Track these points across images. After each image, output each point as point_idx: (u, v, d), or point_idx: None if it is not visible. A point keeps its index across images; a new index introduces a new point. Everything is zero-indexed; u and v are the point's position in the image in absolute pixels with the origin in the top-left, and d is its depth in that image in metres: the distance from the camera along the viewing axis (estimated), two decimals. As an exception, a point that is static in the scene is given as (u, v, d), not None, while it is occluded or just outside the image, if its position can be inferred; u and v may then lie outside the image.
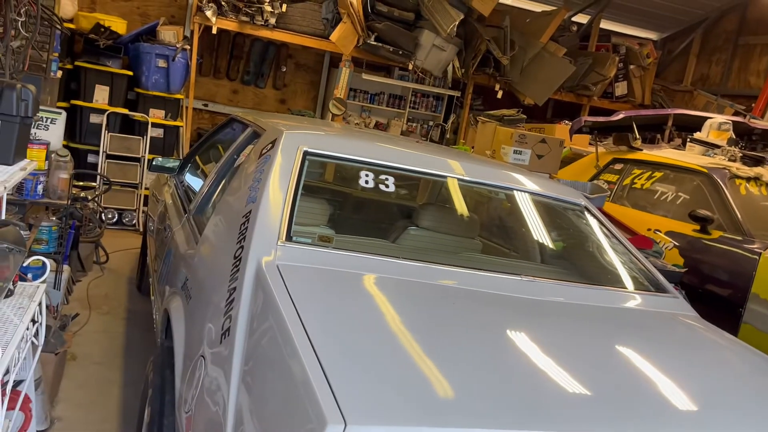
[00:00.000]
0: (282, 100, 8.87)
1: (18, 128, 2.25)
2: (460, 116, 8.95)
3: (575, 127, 6.27)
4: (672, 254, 4.71)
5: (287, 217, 2.01)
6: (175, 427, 1.85)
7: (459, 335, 1.67)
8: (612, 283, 2.46)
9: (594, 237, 2.74)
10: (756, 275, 4.05)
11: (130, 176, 6.63)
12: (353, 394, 1.24)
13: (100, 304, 4.52)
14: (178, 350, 1.95)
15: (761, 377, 1.91)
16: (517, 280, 2.17)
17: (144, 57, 6.62)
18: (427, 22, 7.77)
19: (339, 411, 1.17)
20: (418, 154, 2.74)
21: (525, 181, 2.79)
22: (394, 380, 1.34)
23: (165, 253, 2.97)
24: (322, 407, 1.18)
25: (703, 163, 5.09)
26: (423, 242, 2.58)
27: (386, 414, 1.21)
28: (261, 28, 7.30)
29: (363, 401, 1.24)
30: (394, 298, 1.83)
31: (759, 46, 8.83)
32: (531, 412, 1.36)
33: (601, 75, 8.70)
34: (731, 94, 8.99)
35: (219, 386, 1.58)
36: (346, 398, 1.21)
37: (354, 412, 1.17)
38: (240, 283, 1.77)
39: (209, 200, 2.72)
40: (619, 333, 2.03)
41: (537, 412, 1.36)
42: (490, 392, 1.40)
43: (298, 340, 1.39)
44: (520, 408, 1.36)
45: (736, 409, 1.61)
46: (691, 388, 1.65)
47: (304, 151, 2.31)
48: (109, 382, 3.46)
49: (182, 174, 3.87)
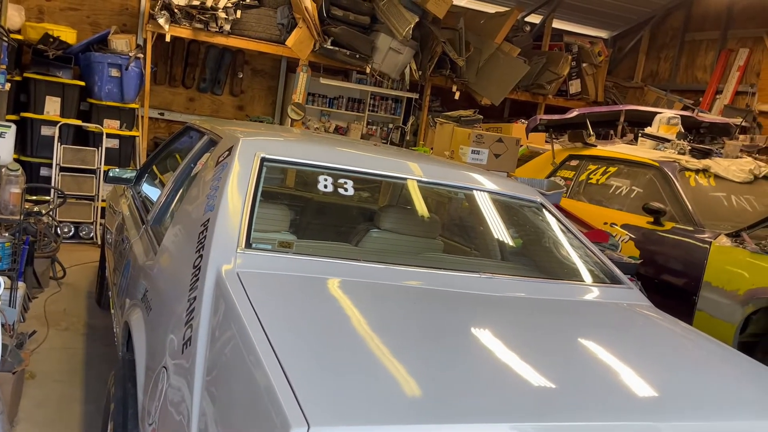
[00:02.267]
0: (240, 107, 8.80)
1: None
2: (419, 118, 9.02)
3: (531, 125, 6.39)
4: (628, 247, 4.84)
5: (246, 224, 2.01)
6: (139, 440, 1.83)
7: (421, 334, 1.70)
8: (569, 277, 2.53)
9: (550, 233, 2.81)
10: (707, 264, 4.20)
11: (86, 188, 6.49)
12: (316, 396, 1.25)
13: (58, 321, 4.41)
14: (140, 362, 1.93)
15: (713, 362, 1.99)
16: (477, 278, 2.21)
17: (96, 67, 6.49)
18: (382, 25, 7.81)
19: (302, 414, 1.19)
20: (376, 157, 2.76)
21: (482, 180, 2.84)
22: (357, 381, 1.36)
23: (124, 266, 2.92)
24: (285, 411, 1.19)
25: (654, 156, 5.24)
26: (385, 244, 2.60)
27: (348, 414, 1.23)
28: (216, 35, 7.24)
29: (326, 403, 1.25)
30: (355, 301, 1.85)
31: (705, 42, 9.13)
32: (491, 405, 1.39)
33: (555, 74, 8.88)
34: (680, 89, 9.27)
35: (182, 396, 1.57)
36: (309, 401, 1.22)
37: (317, 414, 1.19)
38: (200, 292, 1.76)
39: (167, 210, 2.69)
40: (576, 324, 2.08)
41: (497, 405, 1.40)
42: (451, 388, 1.43)
43: (260, 346, 1.39)
44: (479, 402, 1.39)
45: (689, 394, 1.68)
46: (646, 374, 1.71)
47: (262, 158, 2.31)
48: (70, 400, 3.38)
49: (139, 184, 3.81)
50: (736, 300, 3.95)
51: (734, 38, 8.66)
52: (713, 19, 8.92)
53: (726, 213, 4.76)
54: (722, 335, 3.89)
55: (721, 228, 4.41)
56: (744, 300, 3.90)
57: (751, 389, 1.83)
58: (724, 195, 4.89)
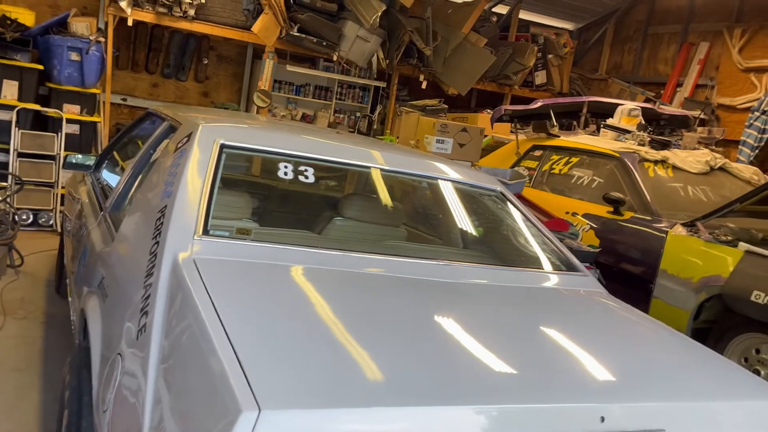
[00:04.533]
0: (205, 93, 8.68)
1: None
2: (387, 107, 9.03)
3: (496, 115, 6.45)
4: (589, 236, 4.94)
5: (204, 210, 1.99)
6: (93, 428, 1.82)
7: (379, 320, 1.72)
8: (526, 264, 2.58)
9: (509, 221, 2.85)
10: (664, 252, 4.30)
11: (45, 175, 6.34)
12: (268, 381, 1.26)
13: (15, 309, 4.33)
14: (95, 350, 1.92)
15: (662, 346, 2.06)
16: (438, 265, 2.24)
17: (55, 50, 6.32)
18: (350, 13, 7.77)
19: (254, 398, 1.20)
20: (338, 145, 2.76)
21: (443, 169, 2.87)
22: (311, 366, 1.37)
23: (81, 253, 2.88)
24: (236, 395, 1.20)
25: (615, 147, 5.35)
26: (348, 232, 2.60)
27: (301, 398, 1.25)
28: (180, 20, 7.11)
29: (278, 388, 1.26)
30: (312, 287, 1.86)
31: (666, 35, 9.30)
32: (443, 388, 1.42)
33: (522, 64, 8.96)
34: (643, 82, 9.44)
35: (137, 383, 1.57)
36: (261, 386, 1.23)
37: (268, 398, 1.20)
38: (156, 279, 1.75)
39: (125, 197, 2.66)
40: (532, 310, 2.13)
41: (449, 388, 1.43)
42: (406, 372, 1.45)
43: (214, 332, 1.40)
44: (432, 385, 1.42)
45: (638, 376, 1.73)
46: (598, 357, 1.76)
47: (221, 144, 2.29)
48: (28, 388, 3.33)
49: (99, 171, 3.75)
50: (690, 287, 4.06)
51: (695, 32, 8.85)
52: (675, 12, 9.10)
53: (683, 203, 4.89)
54: (677, 322, 4.01)
55: (677, 218, 4.53)
56: (698, 288, 4.02)
57: (697, 372, 1.90)
58: (681, 185, 5.02)
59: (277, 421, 1.19)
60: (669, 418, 1.59)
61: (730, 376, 1.91)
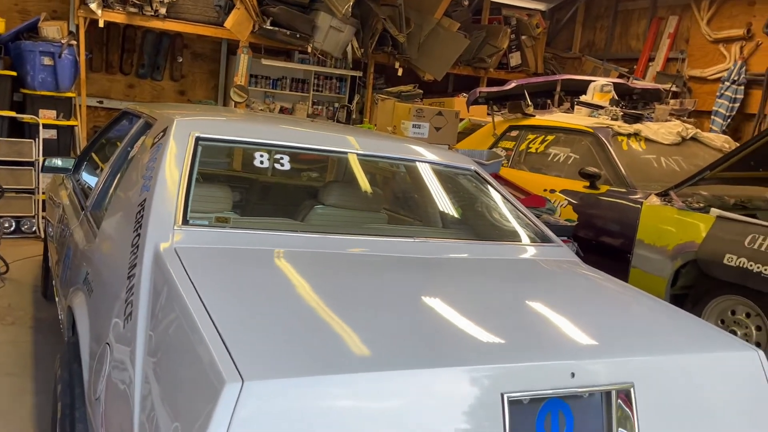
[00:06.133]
0: (181, 92, 8.67)
1: None
2: (364, 96, 9.07)
3: (471, 98, 6.52)
4: (567, 211, 5.03)
5: (182, 201, 2.04)
6: (86, 417, 1.87)
7: (358, 295, 1.79)
8: (502, 238, 2.66)
9: (485, 199, 2.93)
10: (639, 222, 4.41)
11: (24, 182, 6.32)
12: (250, 354, 1.32)
13: (3, 315, 4.35)
14: (84, 343, 1.97)
15: (628, 305, 2.15)
16: (418, 242, 2.31)
17: (27, 56, 6.29)
18: (322, 3, 7.79)
19: (236, 370, 1.26)
20: (314, 133, 2.82)
21: (418, 151, 2.93)
22: (292, 339, 1.44)
23: (65, 254, 2.92)
24: (220, 369, 1.27)
25: (589, 123, 5.44)
26: (330, 219, 2.66)
27: (283, 369, 1.31)
28: (152, 19, 7.09)
29: (260, 360, 1.33)
30: (292, 268, 1.92)
31: (637, 11, 9.41)
32: (423, 352, 1.49)
33: (495, 47, 9.03)
34: (616, 58, 9.55)
35: (126, 370, 1.62)
36: (243, 359, 1.29)
37: (251, 370, 1.26)
38: (139, 269, 1.81)
39: (105, 195, 2.70)
40: (508, 279, 2.22)
41: (428, 352, 1.50)
42: (386, 339, 1.52)
43: (196, 311, 1.46)
44: (412, 350, 1.49)
45: (607, 334, 1.82)
46: (570, 318, 1.85)
47: (197, 137, 2.34)
48: (21, 392, 3.37)
49: (78, 173, 3.77)
50: (666, 255, 4.17)
51: (664, 6, 8.95)
52: (644, -12, 9.21)
53: (657, 174, 4.99)
54: (655, 289, 4.12)
55: (652, 188, 4.63)
56: (673, 254, 4.13)
57: (664, 329, 1.99)
58: (655, 157, 5.13)
59: (261, 391, 1.25)
60: (637, 371, 1.67)
61: (695, 331, 2.00)
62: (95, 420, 1.72)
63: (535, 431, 1.51)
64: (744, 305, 3.85)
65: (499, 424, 1.45)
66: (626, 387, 1.63)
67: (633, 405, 1.63)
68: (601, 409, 1.61)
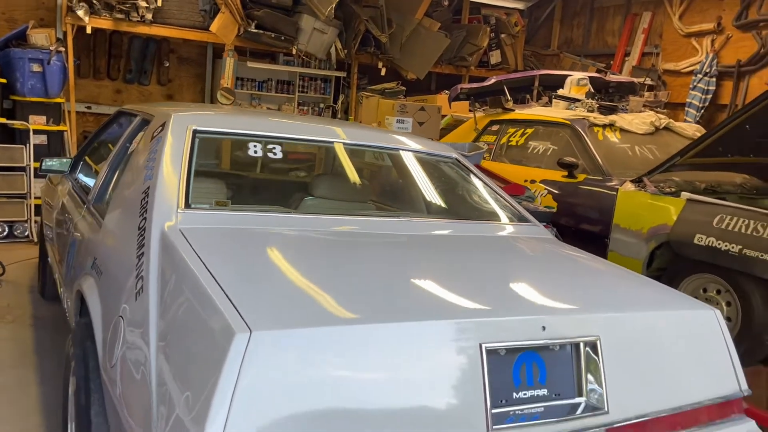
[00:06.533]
0: (168, 96, 8.80)
1: None
2: (349, 96, 9.25)
3: (452, 95, 6.72)
4: (547, 200, 5.24)
5: (184, 187, 2.21)
6: (100, 386, 2.03)
7: (352, 263, 1.97)
8: (482, 218, 2.85)
9: (466, 183, 3.12)
10: (615, 208, 4.62)
11: (17, 186, 6.43)
12: (255, 309, 1.49)
13: (3, 314, 4.47)
14: (96, 319, 2.12)
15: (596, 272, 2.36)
16: (404, 221, 2.51)
17: (16, 63, 6.40)
18: (305, 6, 7.96)
19: (244, 322, 1.43)
20: (303, 124, 2.99)
21: (402, 140, 3.12)
22: (291, 298, 1.61)
23: (68, 248, 3.06)
24: (229, 322, 1.43)
25: (566, 116, 5.65)
26: (319, 210, 2.83)
27: (285, 321, 1.48)
28: (138, 25, 7.23)
29: (264, 314, 1.50)
30: (287, 241, 2.10)
31: (612, 8, 9.68)
32: (410, 308, 1.68)
33: (476, 45, 9.25)
34: (593, 54, 9.81)
35: (141, 336, 1.78)
36: (250, 313, 1.46)
37: (258, 322, 1.43)
38: (147, 247, 1.97)
39: (107, 187, 2.85)
40: (487, 250, 2.42)
41: (416, 308, 1.69)
42: (379, 297, 1.71)
43: (203, 277, 1.62)
44: (401, 306, 1.68)
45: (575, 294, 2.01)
46: (540, 282, 2.04)
47: (194, 130, 2.50)
48: (26, 383, 3.50)
49: (75, 172, 3.91)
50: (641, 238, 4.38)
51: (638, 3, 9.22)
52: (618, -15, 9.48)
53: (631, 162, 5.21)
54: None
55: (627, 176, 4.84)
56: (647, 237, 4.34)
57: (628, 291, 2.19)
58: (629, 146, 5.35)
59: (267, 340, 1.42)
60: (602, 326, 1.86)
61: (657, 293, 2.20)
62: (112, 384, 1.88)
63: (511, 379, 1.69)
64: (715, 282, 4.06)
65: (479, 372, 1.63)
66: (593, 340, 1.81)
67: (599, 356, 1.81)
68: (571, 360, 1.79)
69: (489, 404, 1.63)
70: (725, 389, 2.05)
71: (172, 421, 1.51)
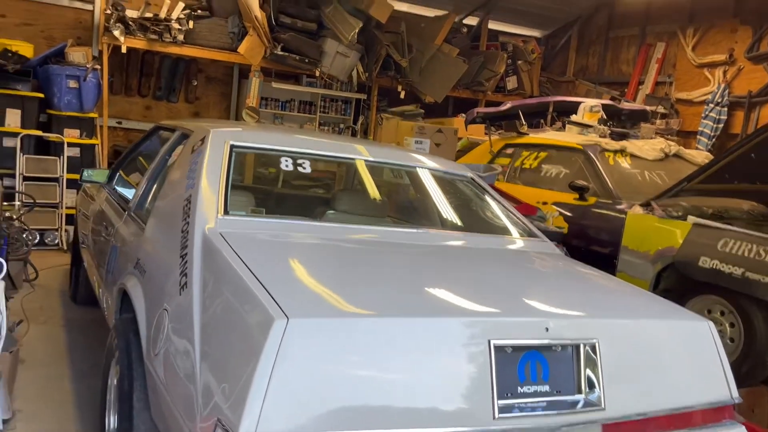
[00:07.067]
0: (195, 113, 9.12)
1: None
2: (368, 117, 9.52)
3: (469, 118, 6.95)
4: (558, 221, 5.42)
5: (222, 196, 2.44)
6: (142, 374, 2.24)
7: (376, 266, 2.19)
8: (494, 232, 3.05)
9: (479, 200, 3.33)
10: (624, 230, 4.79)
11: (50, 196, 6.73)
12: (291, 299, 1.70)
13: (36, 316, 4.70)
14: (140, 313, 2.33)
15: (599, 283, 2.54)
16: (421, 232, 2.73)
17: (55, 79, 6.74)
18: (329, 31, 8.28)
19: (282, 311, 1.63)
20: (329, 142, 3.22)
21: (420, 159, 3.34)
22: (322, 291, 1.82)
23: (109, 252, 3.29)
24: (268, 310, 1.64)
25: (578, 141, 5.85)
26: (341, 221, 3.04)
27: (318, 311, 1.69)
28: (170, 45, 7.57)
29: (301, 305, 1.70)
30: (319, 244, 2.32)
31: (627, 38, 9.91)
32: (429, 306, 1.88)
33: (493, 71, 9.51)
34: (607, 82, 10.02)
35: (185, 325, 1.99)
36: (287, 303, 1.67)
37: (294, 311, 1.64)
38: (190, 248, 2.19)
39: (148, 195, 3.09)
40: (498, 260, 2.62)
41: (433, 306, 1.89)
42: (401, 296, 1.92)
43: (243, 272, 1.84)
44: (421, 304, 1.89)
45: (577, 300, 2.19)
46: (544, 290, 2.23)
47: (231, 145, 2.74)
48: (59, 378, 3.72)
49: (112, 183, 4.16)
50: (648, 259, 4.54)
51: (652, 33, 9.44)
52: (633, 16, 9.70)
53: (641, 187, 5.38)
54: (638, 291, 4.47)
55: (636, 200, 5.02)
56: (654, 259, 4.50)
57: (627, 300, 2.37)
58: (639, 171, 5.53)
59: (302, 327, 1.62)
60: (601, 330, 2.04)
61: (654, 304, 2.38)
62: (156, 370, 2.09)
63: (516, 375, 1.88)
64: (718, 304, 4.20)
65: (487, 366, 1.82)
66: (592, 342, 1.99)
67: (598, 357, 1.99)
68: (571, 359, 1.97)
69: (496, 395, 1.81)
70: (717, 395, 2.22)
71: (212, 403, 1.71)
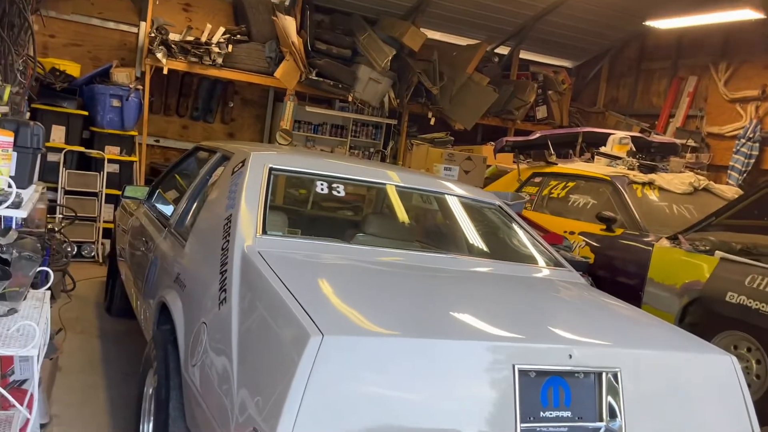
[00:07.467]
0: (230, 134, 9.38)
1: (31, 158, 2.73)
2: (398, 142, 9.68)
3: (498, 146, 7.04)
4: (585, 251, 5.45)
5: (261, 216, 2.56)
6: (179, 384, 2.35)
7: (405, 288, 2.28)
8: (520, 260, 3.12)
9: (507, 228, 3.40)
10: (651, 263, 4.81)
11: (89, 210, 6.97)
12: (326, 317, 1.80)
13: (73, 326, 4.87)
14: (179, 325, 2.45)
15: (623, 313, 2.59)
16: (449, 257, 2.82)
17: (99, 97, 7.02)
18: (363, 57, 8.50)
19: (317, 328, 1.73)
20: (362, 167, 3.35)
21: (449, 186, 3.44)
22: (356, 310, 1.91)
23: (148, 267, 3.43)
24: (304, 327, 1.74)
25: (607, 172, 5.89)
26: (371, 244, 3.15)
27: (352, 329, 1.79)
28: (209, 68, 7.84)
29: (334, 322, 1.80)
30: (347, 266, 2.42)
31: (658, 71, 9.94)
32: (458, 330, 1.97)
33: (523, 101, 9.61)
34: (638, 114, 10.04)
35: (223, 338, 2.10)
36: (322, 320, 1.77)
37: (329, 328, 1.73)
38: (230, 265, 2.30)
39: (188, 213, 3.23)
40: (524, 288, 2.69)
41: (462, 330, 1.97)
42: (431, 318, 2.01)
43: (280, 290, 1.94)
44: (449, 327, 1.97)
45: (601, 330, 2.25)
46: (568, 318, 2.30)
47: (270, 168, 2.87)
48: (94, 386, 3.85)
49: (151, 199, 4.33)
50: (674, 293, 4.56)
51: (684, 67, 9.46)
52: (665, 49, 9.74)
53: (668, 220, 5.40)
54: (664, 324, 4.48)
55: (663, 233, 5.04)
56: (680, 292, 4.51)
57: (651, 332, 2.42)
58: (667, 204, 5.54)
59: (336, 344, 1.71)
60: (623, 359, 2.09)
61: (677, 336, 2.42)
62: (194, 381, 2.20)
63: (539, 399, 1.94)
64: (745, 340, 4.19)
65: (511, 389, 1.89)
66: (614, 371, 2.04)
67: (620, 386, 2.04)
68: (594, 387, 2.03)
69: (519, 419, 1.87)
70: (738, 430, 2.24)
71: (247, 414, 1.80)
